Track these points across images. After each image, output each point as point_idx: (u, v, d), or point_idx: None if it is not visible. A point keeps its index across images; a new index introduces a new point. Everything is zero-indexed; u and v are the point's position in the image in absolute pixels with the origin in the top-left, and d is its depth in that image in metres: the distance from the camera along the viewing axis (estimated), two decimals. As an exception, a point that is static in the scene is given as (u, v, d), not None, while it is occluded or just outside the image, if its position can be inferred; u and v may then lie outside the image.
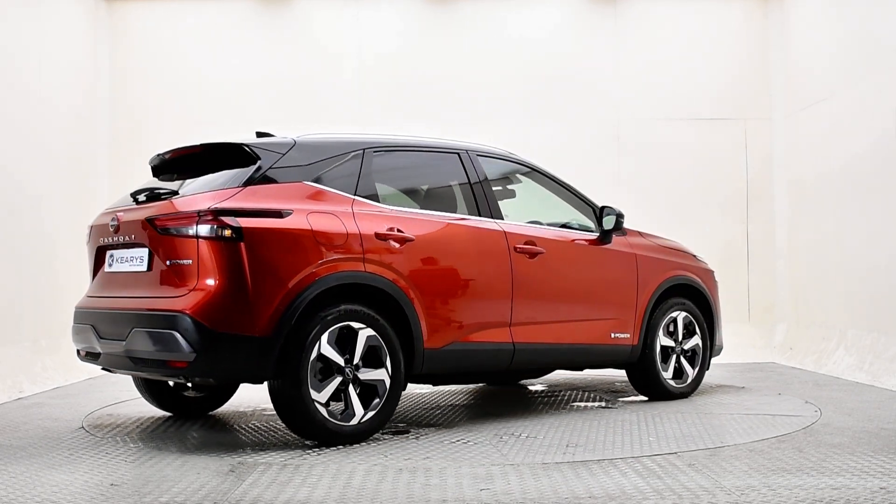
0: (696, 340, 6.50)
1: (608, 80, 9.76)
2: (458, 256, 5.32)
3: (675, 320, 6.38)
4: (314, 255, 4.71)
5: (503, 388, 7.16)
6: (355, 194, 5.03)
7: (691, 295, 6.55)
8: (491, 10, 9.76)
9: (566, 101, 9.74)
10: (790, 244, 9.57)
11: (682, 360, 6.43)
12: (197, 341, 4.46)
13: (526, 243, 5.60)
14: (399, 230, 5.04)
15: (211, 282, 4.53)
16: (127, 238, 4.95)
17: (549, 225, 6.04)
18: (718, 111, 9.76)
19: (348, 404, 4.79)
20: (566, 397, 6.66)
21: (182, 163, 5.25)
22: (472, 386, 7.24)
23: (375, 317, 4.85)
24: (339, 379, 4.74)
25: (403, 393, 6.85)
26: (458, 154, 5.66)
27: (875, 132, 7.72)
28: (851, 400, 6.32)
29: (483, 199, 5.60)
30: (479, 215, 5.54)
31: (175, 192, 4.90)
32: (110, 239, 5.11)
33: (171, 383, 5.76)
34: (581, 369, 6.38)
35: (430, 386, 7.15)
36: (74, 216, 8.66)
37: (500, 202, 6.17)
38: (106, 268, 5.21)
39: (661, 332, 6.28)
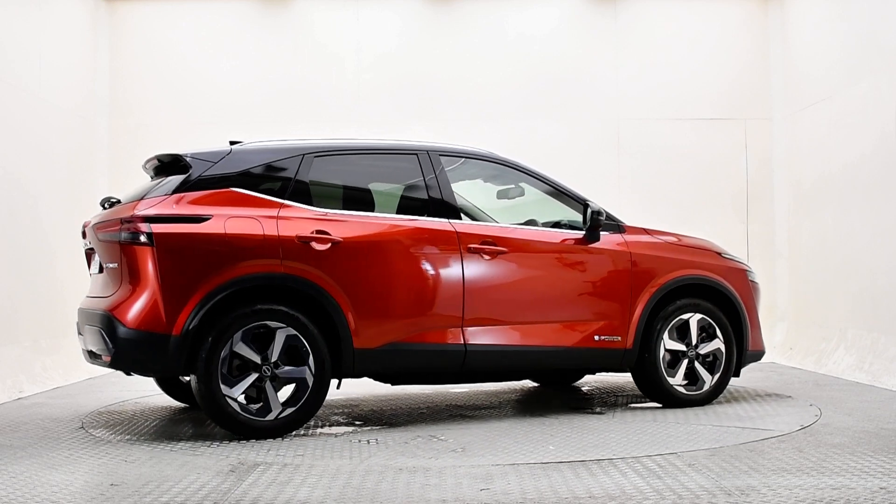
0: (715, 344, 6.03)
1: (608, 80, 9.76)
2: (396, 257, 5.32)
3: (686, 322, 5.98)
4: (228, 258, 4.97)
5: (544, 388, 7.09)
6: (286, 198, 5.22)
7: (711, 295, 6.12)
8: (491, 9, 9.76)
9: (566, 101, 9.74)
10: (790, 244, 9.57)
11: (697, 365, 5.99)
12: (115, 338, 4.91)
13: (482, 243, 5.50)
14: (325, 232, 5.16)
15: (130, 284, 4.96)
16: (90, 243, 5.51)
17: (542, 224, 5.96)
18: (718, 111, 9.76)
19: (265, 400, 5.00)
20: (566, 401, 6.66)
21: (157, 171, 5.58)
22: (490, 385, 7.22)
23: (297, 316, 5.02)
24: (254, 376, 4.98)
25: (397, 391, 6.91)
26: (416, 155, 5.64)
27: (875, 132, 7.72)
28: (851, 400, 6.32)
29: (438, 199, 5.55)
30: (434, 216, 5.49)
31: (119, 201, 5.39)
32: (85, 244, 5.67)
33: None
34: (565, 373, 6.21)
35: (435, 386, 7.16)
36: (74, 216, 8.66)
37: (509, 200, 6.14)
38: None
39: (666, 335, 5.90)
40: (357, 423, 5.65)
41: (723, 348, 6.06)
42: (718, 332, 6.05)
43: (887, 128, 7.50)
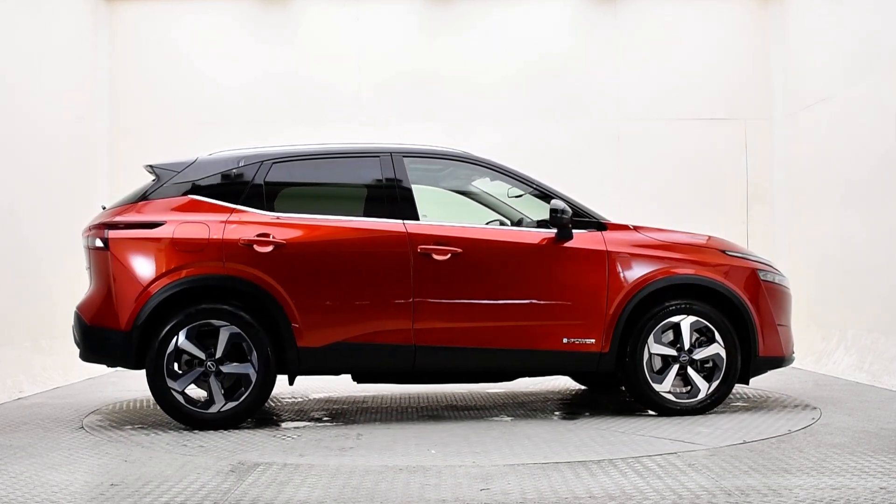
0: (714, 350, 5.63)
1: (608, 79, 9.76)
2: (342, 258, 5.46)
3: (677, 325, 5.65)
4: (174, 260, 5.37)
5: (590, 391, 6.97)
6: (242, 203, 5.52)
7: (709, 296, 5.72)
8: (491, 9, 9.76)
9: (566, 101, 9.73)
10: (790, 244, 9.57)
11: (691, 371, 5.63)
12: (80, 333, 5.53)
13: (435, 244, 5.49)
14: (270, 235, 5.40)
15: (94, 284, 5.54)
16: None
17: (527, 224, 5.84)
18: (718, 111, 9.75)
19: (209, 394, 5.35)
20: (555, 403, 6.65)
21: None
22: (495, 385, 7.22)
23: (240, 315, 5.33)
24: (199, 370, 5.34)
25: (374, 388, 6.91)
26: (378, 157, 5.72)
27: (875, 132, 7.72)
28: (851, 400, 6.32)
29: (395, 200, 5.60)
30: (391, 217, 5.55)
31: (104, 208, 5.83)
32: None
33: None
34: (533, 375, 5.93)
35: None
36: (74, 216, 8.65)
37: (515, 199, 6.08)
38: None
39: (651, 339, 5.59)
40: (325, 417, 5.69)
41: (723, 354, 5.65)
42: (718, 337, 5.65)
43: (887, 128, 7.50)
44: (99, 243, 5.45)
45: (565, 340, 5.57)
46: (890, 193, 7.48)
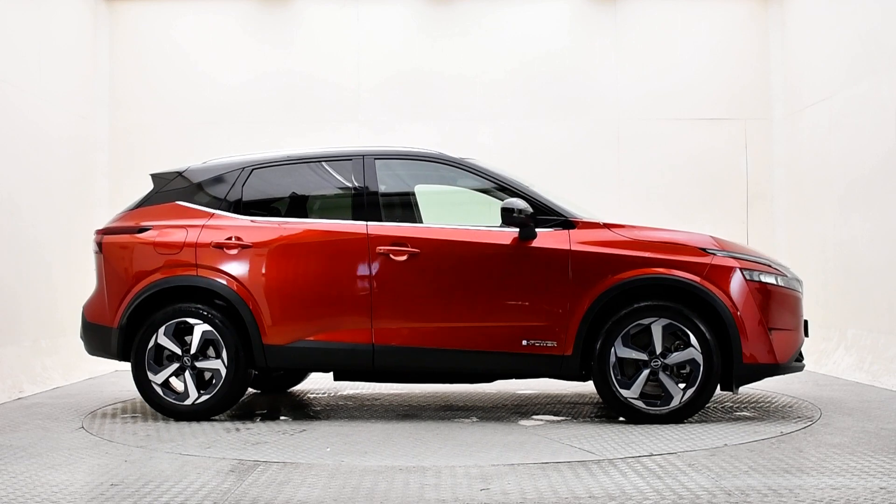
0: (689, 354, 5.31)
1: (608, 79, 9.76)
2: (304, 259, 5.68)
3: (648, 328, 5.36)
4: (155, 262, 5.78)
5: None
6: (222, 208, 5.88)
7: (685, 297, 5.41)
8: (491, 9, 9.76)
9: (566, 101, 9.73)
10: (790, 244, 9.57)
11: (664, 377, 5.33)
12: (82, 328, 6.06)
13: (393, 244, 5.55)
14: (237, 238, 5.71)
15: (96, 284, 6.01)
16: None
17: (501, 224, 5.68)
18: (718, 111, 9.75)
19: (185, 386, 5.71)
20: (522, 408, 6.65)
21: None
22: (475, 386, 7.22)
23: (212, 314, 5.67)
24: (175, 365, 5.72)
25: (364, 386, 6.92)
26: (350, 160, 5.89)
27: (875, 132, 7.72)
28: (851, 400, 6.32)
29: (361, 202, 5.75)
30: (358, 219, 5.68)
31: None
32: None
33: None
34: (494, 378, 5.82)
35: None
36: (74, 216, 8.67)
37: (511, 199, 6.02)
38: None
39: (619, 342, 5.34)
40: (310, 415, 5.70)
41: (699, 359, 5.32)
42: (693, 340, 5.32)
43: (887, 127, 7.50)
44: (96, 247, 5.96)
45: (525, 343, 5.46)
46: (890, 193, 7.48)
